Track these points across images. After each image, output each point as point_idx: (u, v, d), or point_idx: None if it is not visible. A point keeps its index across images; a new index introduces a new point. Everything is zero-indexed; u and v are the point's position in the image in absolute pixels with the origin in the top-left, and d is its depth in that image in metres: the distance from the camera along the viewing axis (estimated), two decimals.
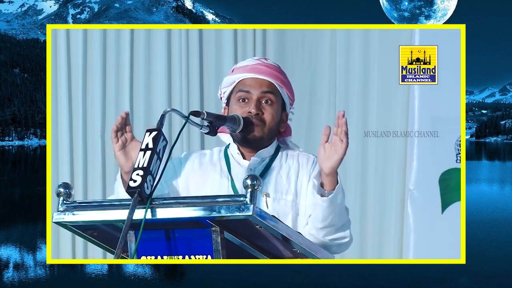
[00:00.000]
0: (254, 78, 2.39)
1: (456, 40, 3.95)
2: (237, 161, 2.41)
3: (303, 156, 2.42)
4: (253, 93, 2.37)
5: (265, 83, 2.39)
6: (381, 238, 4.04)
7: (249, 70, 2.40)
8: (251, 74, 2.40)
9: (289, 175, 2.38)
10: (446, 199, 3.94)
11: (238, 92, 2.39)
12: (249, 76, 2.39)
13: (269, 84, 2.39)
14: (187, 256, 2.13)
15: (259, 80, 2.39)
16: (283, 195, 2.35)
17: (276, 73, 2.42)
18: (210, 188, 2.37)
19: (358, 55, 4.08)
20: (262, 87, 2.38)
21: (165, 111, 2.21)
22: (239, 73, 2.41)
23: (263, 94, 2.38)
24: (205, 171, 2.43)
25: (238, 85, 2.40)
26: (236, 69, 2.44)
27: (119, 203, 2.13)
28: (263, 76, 2.39)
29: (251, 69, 2.41)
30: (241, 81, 2.40)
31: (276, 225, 2.08)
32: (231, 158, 2.43)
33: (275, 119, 2.39)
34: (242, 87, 2.39)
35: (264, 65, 2.42)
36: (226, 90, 2.45)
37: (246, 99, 2.37)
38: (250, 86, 2.38)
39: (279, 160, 2.41)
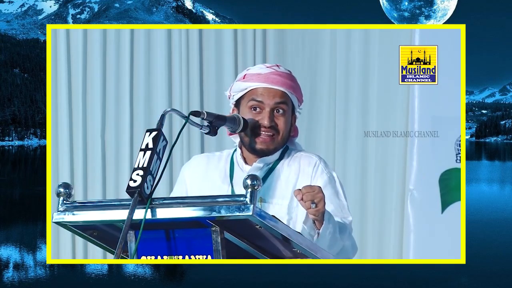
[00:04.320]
0: (267, 88, 2.39)
1: (456, 40, 3.95)
2: (240, 167, 2.43)
3: (305, 159, 2.43)
4: (265, 104, 2.38)
5: (278, 94, 2.39)
6: (381, 238, 4.04)
7: (263, 80, 2.40)
8: (264, 84, 2.40)
9: (289, 178, 2.39)
10: (446, 199, 3.94)
11: (251, 100, 2.39)
12: (262, 86, 2.40)
13: (282, 94, 2.40)
14: (187, 256, 2.14)
15: (273, 90, 2.39)
16: (279, 200, 2.37)
17: (288, 81, 2.43)
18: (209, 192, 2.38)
19: (358, 55, 4.08)
20: (275, 97, 2.39)
21: (165, 111, 2.22)
22: (252, 82, 2.41)
23: (276, 105, 2.39)
24: (209, 176, 2.45)
25: (250, 93, 2.41)
26: (248, 76, 2.43)
27: (119, 203, 2.13)
28: (276, 87, 2.40)
29: (265, 78, 2.40)
30: (253, 89, 2.40)
31: (276, 225, 2.08)
32: (235, 163, 2.44)
33: (287, 127, 2.42)
34: (254, 96, 2.39)
35: (277, 74, 2.42)
36: (236, 95, 2.45)
37: (259, 108, 2.39)
38: (263, 96, 2.39)
39: (281, 164, 2.42)
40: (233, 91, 2.46)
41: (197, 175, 2.47)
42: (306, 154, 2.45)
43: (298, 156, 2.43)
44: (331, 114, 4.11)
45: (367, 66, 4.08)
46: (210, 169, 2.47)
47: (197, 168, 2.49)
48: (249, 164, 2.42)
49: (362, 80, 4.08)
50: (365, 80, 4.08)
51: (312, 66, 4.13)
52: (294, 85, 2.45)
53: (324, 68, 4.12)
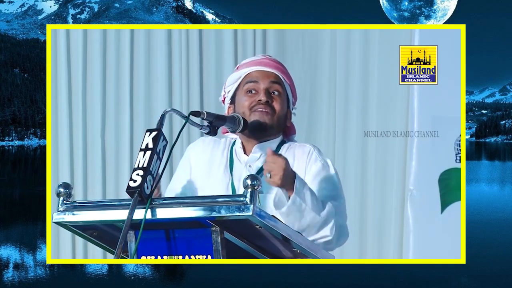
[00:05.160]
0: (261, 71, 2.44)
1: (456, 40, 3.95)
2: (238, 158, 2.44)
3: (299, 148, 2.45)
4: (261, 83, 2.42)
5: (272, 75, 2.44)
6: (381, 238, 4.04)
7: (255, 64, 2.46)
8: (257, 67, 2.45)
9: None
10: (446, 199, 3.94)
11: (246, 84, 2.43)
12: (255, 69, 2.45)
13: (276, 76, 2.44)
14: (187, 256, 2.14)
15: (267, 72, 2.44)
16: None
17: (280, 66, 2.49)
18: (212, 183, 2.40)
19: (358, 55, 4.08)
20: (270, 77, 2.43)
21: (165, 111, 2.22)
22: (245, 68, 2.46)
23: (271, 84, 2.42)
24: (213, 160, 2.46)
25: (245, 78, 2.45)
26: (241, 66, 2.49)
27: (119, 203, 2.13)
28: (269, 69, 2.45)
29: (258, 62, 2.46)
30: (247, 74, 2.45)
31: (276, 225, 2.08)
32: (234, 154, 2.45)
33: (283, 109, 2.44)
34: (249, 78, 2.43)
35: (270, 60, 2.49)
36: (231, 88, 2.47)
37: (254, 90, 2.41)
38: (257, 77, 2.43)
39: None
40: (227, 85, 2.49)
41: (203, 157, 2.48)
42: (301, 144, 2.48)
43: (293, 146, 2.46)
44: (331, 114, 4.11)
45: (367, 66, 4.08)
46: (215, 154, 2.48)
47: (202, 151, 2.50)
48: (247, 154, 2.42)
49: (362, 80, 4.08)
50: (365, 80, 4.08)
51: (312, 66, 4.13)
52: (286, 73, 2.49)
53: (324, 68, 4.12)
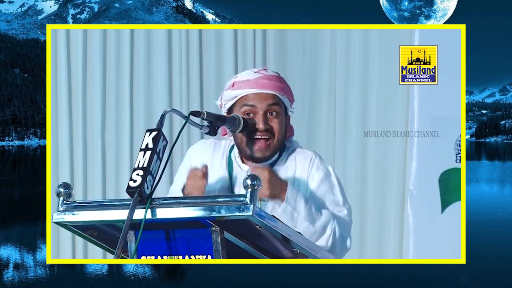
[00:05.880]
0: (258, 93, 2.40)
1: (456, 40, 3.95)
2: (238, 165, 2.45)
3: (301, 155, 2.44)
4: (258, 107, 2.39)
5: (270, 96, 2.40)
6: (381, 238, 4.05)
7: (252, 85, 2.41)
8: (254, 89, 2.40)
9: (286, 175, 2.40)
10: (446, 199, 3.94)
11: (243, 106, 2.39)
12: (252, 92, 2.40)
13: (273, 96, 2.40)
14: (187, 256, 2.14)
15: (263, 94, 2.40)
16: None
17: (278, 83, 2.43)
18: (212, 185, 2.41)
19: (358, 55, 4.08)
20: (267, 100, 2.39)
21: (165, 111, 2.22)
22: (241, 89, 2.41)
23: (269, 107, 2.39)
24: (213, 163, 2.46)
25: (241, 100, 2.41)
26: (237, 84, 2.43)
27: (119, 203, 2.13)
28: (266, 90, 2.40)
29: (254, 84, 2.41)
30: (244, 96, 2.41)
31: (276, 225, 2.08)
32: (233, 161, 2.46)
33: (282, 128, 2.42)
34: (246, 101, 2.40)
35: (266, 78, 2.43)
36: (227, 103, 2.45)
37: (252, 113, 2.39)
38: (254, 101, 2.39)
39: (279, 162, 2.43)
40: (223, 100, 2.46)
41: (203, 160, 2.47)
42: (302, 150, 2.46)
43: (294, 153, 2.45)
44: (331, 114, 4.11)
45: (367, 66, 4.08)
46: (216, 157, 2.49)
47: (203, 153, 2.50)
48: (247, 164, 2.43)
49: (362, 80, 4.08)
50: (365, 80, 4.08)
51: (312, 66, 4.13)
52: (284, 86, 2.46)
53: (324, 68, 4.12)
